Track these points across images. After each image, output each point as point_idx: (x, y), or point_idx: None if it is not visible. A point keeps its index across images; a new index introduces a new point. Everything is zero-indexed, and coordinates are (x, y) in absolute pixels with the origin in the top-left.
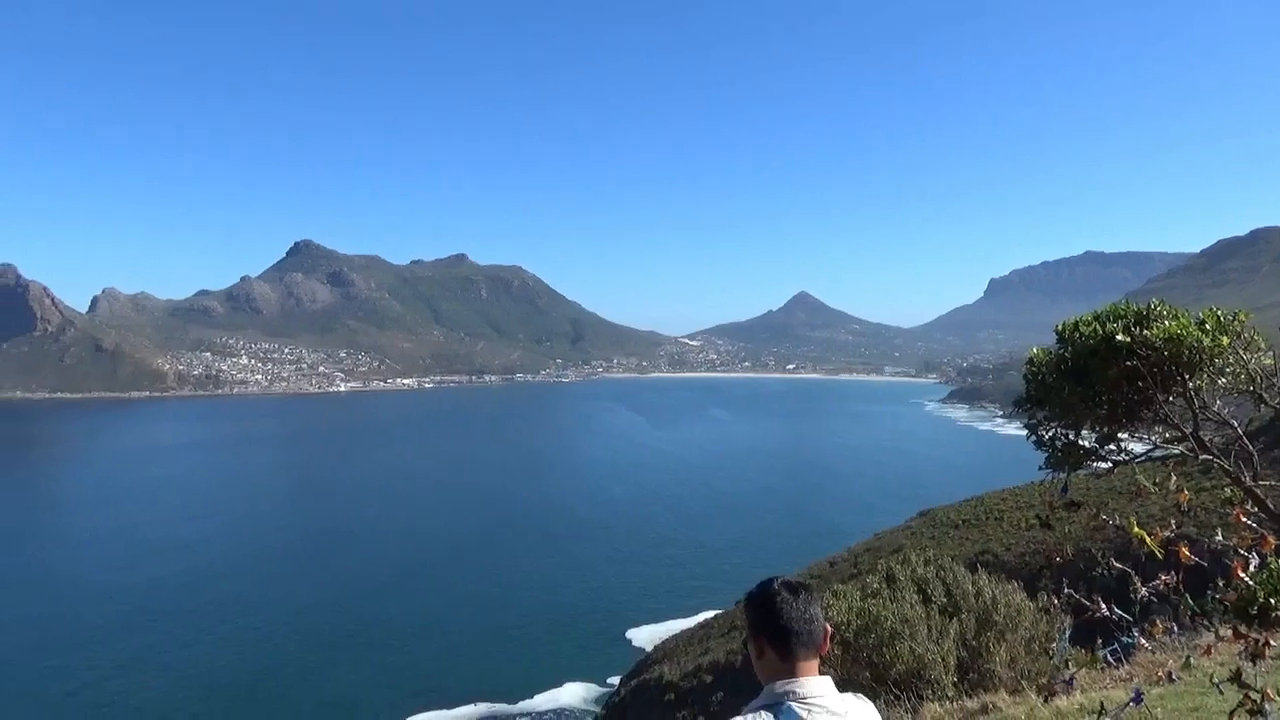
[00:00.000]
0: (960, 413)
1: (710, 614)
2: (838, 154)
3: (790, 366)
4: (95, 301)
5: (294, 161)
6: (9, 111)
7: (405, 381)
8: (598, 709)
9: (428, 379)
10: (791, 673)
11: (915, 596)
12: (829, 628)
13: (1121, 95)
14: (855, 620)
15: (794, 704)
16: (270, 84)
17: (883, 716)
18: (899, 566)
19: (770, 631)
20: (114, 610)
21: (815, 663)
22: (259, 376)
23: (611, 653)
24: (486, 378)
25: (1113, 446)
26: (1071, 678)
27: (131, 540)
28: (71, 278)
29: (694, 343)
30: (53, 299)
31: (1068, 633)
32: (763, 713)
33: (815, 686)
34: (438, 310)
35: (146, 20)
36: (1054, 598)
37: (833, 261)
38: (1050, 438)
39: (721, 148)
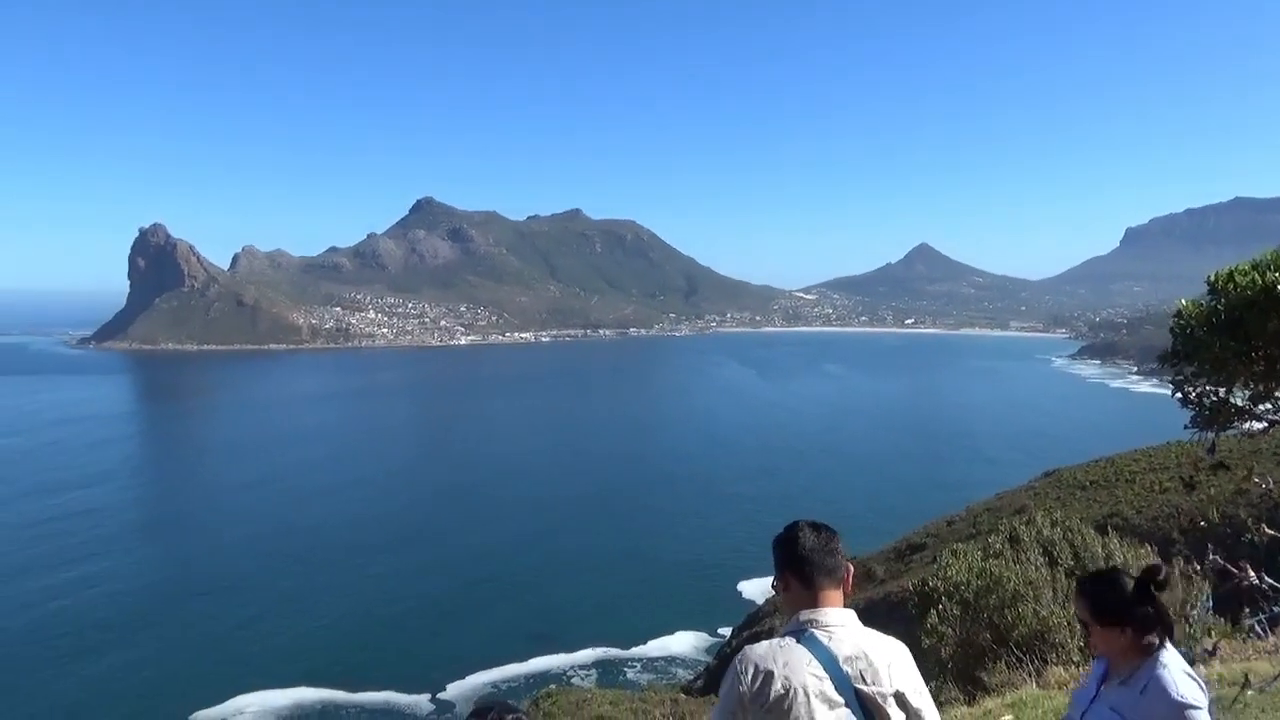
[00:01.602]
0: (1091, 369)
1: None
2: (961, 97)
3: (909, 321)
4: (236, 259)
5: (416, 122)
6: (168, 84)
7: (522, 335)
8: (709, 658)
9: (544, 333)
10: (814, 603)
11: (1040, 558)
12: (851, 566)
13: (1274, 15)
14: (975, 580)
15: (816, 631)
16: (392, 51)
17: (1004, 678)
18: (1023, 527)
19: (794, 564)
20: (257, 556)
21: (839, 594)
22: (385, 330)
23: (725, 604)
24: (601, 332)
25: (1268, 405)
26: (1215, 646)
27: (276, 488)
28: (215, 236)
29: (809, 297)
30: (198, 256)
31: (1209, 600)
32: (788, 637)
33: (837, 616)
34: (553, 265)
35: None
36: (1195, 564)
37: (956, 212)
38: (1198, 395)
39: (838, 93)
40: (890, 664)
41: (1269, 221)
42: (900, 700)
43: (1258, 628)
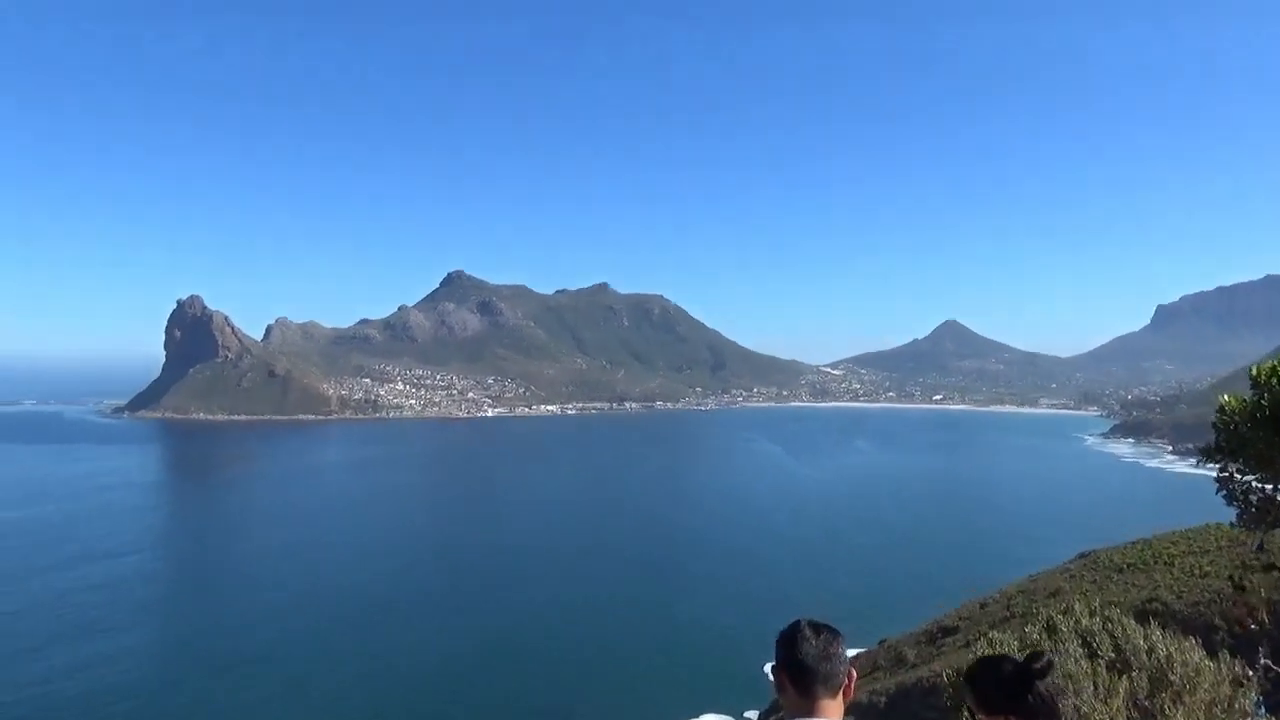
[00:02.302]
0: (1124, 448)
1: (850, 652)
2: (987, 174)
3: (937, 397)
4: (269, 330)
5: (448, 197)
6: (211, 159)
7: (549, 408)
8: None
9: (570, 405)
10: (810, 711)
11: (1079, 650)
12: (853, 671)
13: None
14: None
15: None
16: (425, 129)
17: None
18: (1060, 616)
19: (791, 668)
20: (281, 625)
21: (837, 703)
22: (413, 401)
23: (753, 684)
24: (627, 405)
25: None
26: None
27: (303, 559)
28: (250, 307)
29: (836, 372)
30: (233, 327)
31: (1260, 701)
32: None
33: None
34: (580, 338)
35: (313, 59)
36: (1247, 667)
37: (983, 288)
38: (1243, 491)
39: (866, 170)
40: None
41: None
42: None
43: None
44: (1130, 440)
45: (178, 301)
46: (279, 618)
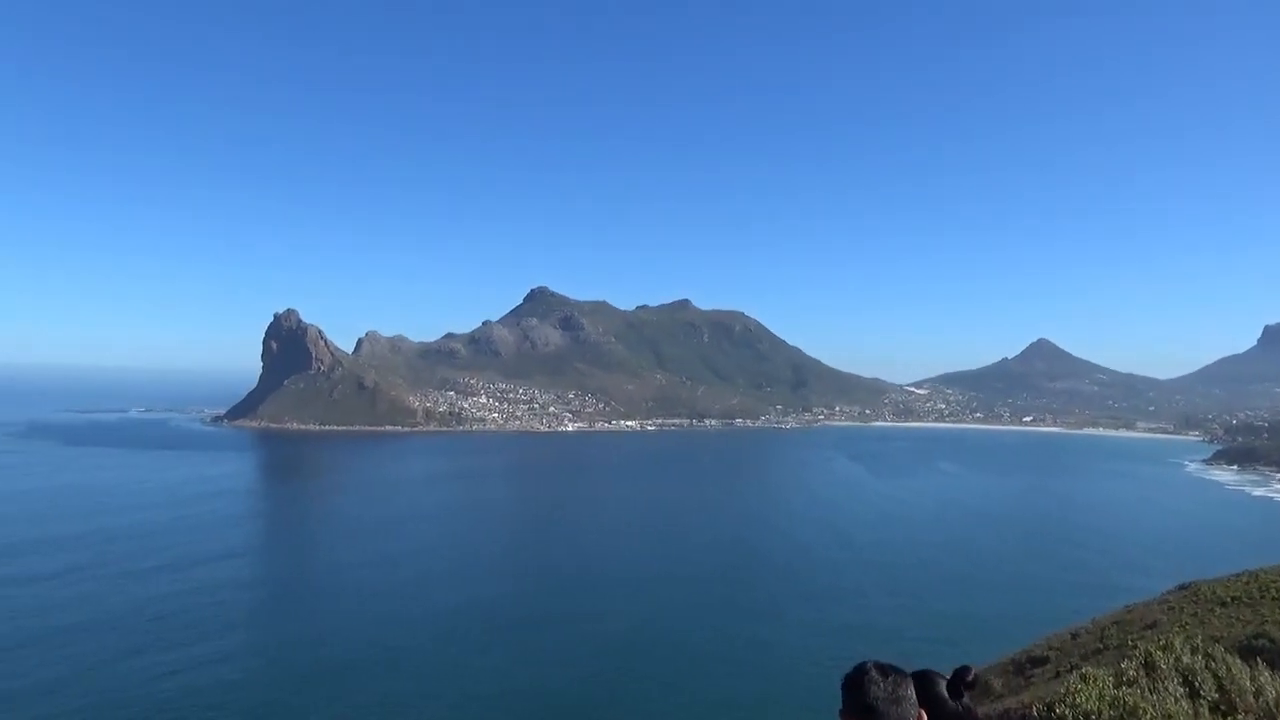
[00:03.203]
0: (1228, 475)
1: None
2: (1082, 189)
3: (1027, 419)
4: (360, 343)
5: (533, 212)
6: (311, 179)
7: (628, 423)
8: None
9: (650, 421)
10: None
11: (1180, 689)
12: (923, 713)
13: None
14: (1108, 711)
15: None
16: (511, 147)
17: None
18: (1159, 652)
19: (859, 712)
20: (376, 636)
21: None
22: (495, 415)
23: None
24: (707, 422)
25: None
26: None
27: (396, 568)
28: (342, 321)
29: (921, 391)
30: (326, 341)
31: None
32: None
33: None
34: (661, 354)
35: (405, 80)
36: None
37: (1077, 306)
38: None
39: (948, 186)
40: None
41: None
42: None
43: None
44: (1234, 467)
45: (274, 315)
46: (372, 629)
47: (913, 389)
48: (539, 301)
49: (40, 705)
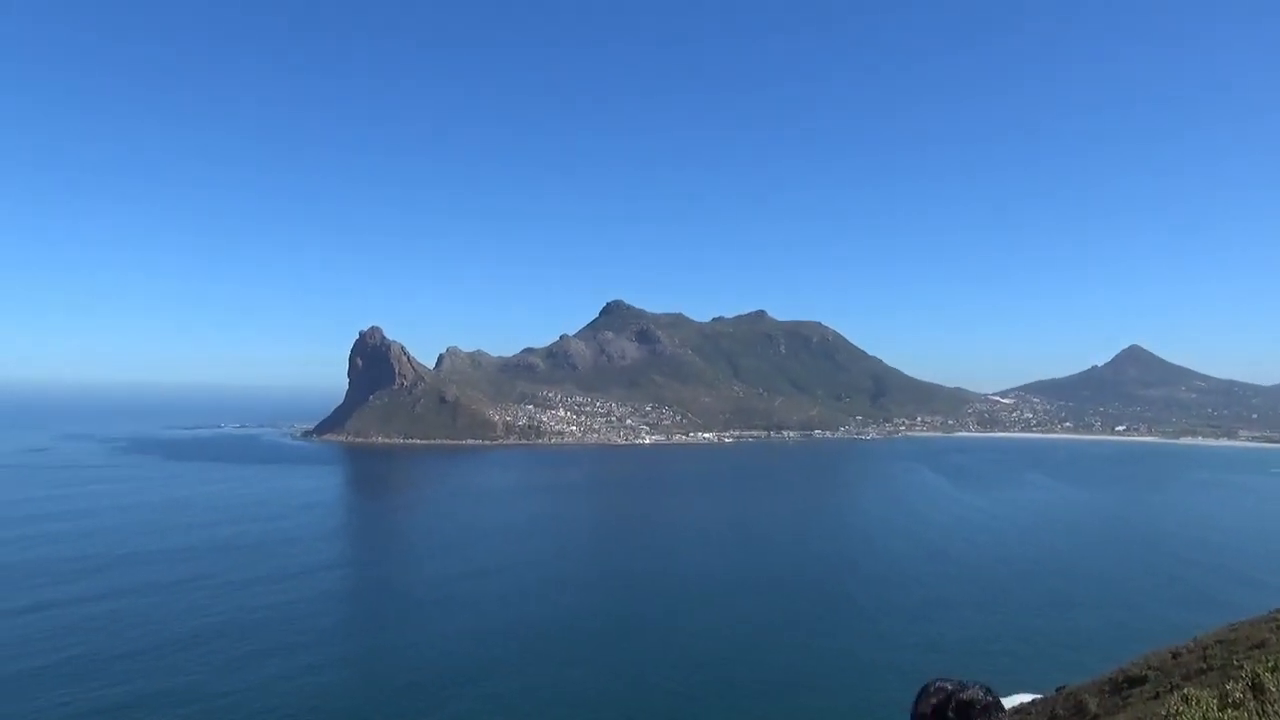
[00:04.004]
0: None
1: (1024, 697)
2: (1173, 186)
3: (1120, 428)
4: (441, 359)
5: (607, 230)
6: (396, 204)
7: (705, 435)
8: None
9: (727, 433)
10: None
11: None
12: None
13: None
14: None
15: None
16: (586, 163)
17: None
18: (1268, 674)
19: None
20: (471, 649)
21: None
22: (573, 428)
23: None
24: (785, 433)
25: None
26: None
27: (488, 580)
28: (423, 338)
29: (1006, 400)
30: (408, 357)
31: None
32: None
33: None
34: (737, 366)
35: (485, 93)
36: None
37: (1170, 310)
38: None
39: (1030, 185)
40: None
41: None
42: None
43: None
44: None
45: (359, 333)
46: (462, 640)
47: (997, 398)
48: (615, 315)
49: (156, 714)
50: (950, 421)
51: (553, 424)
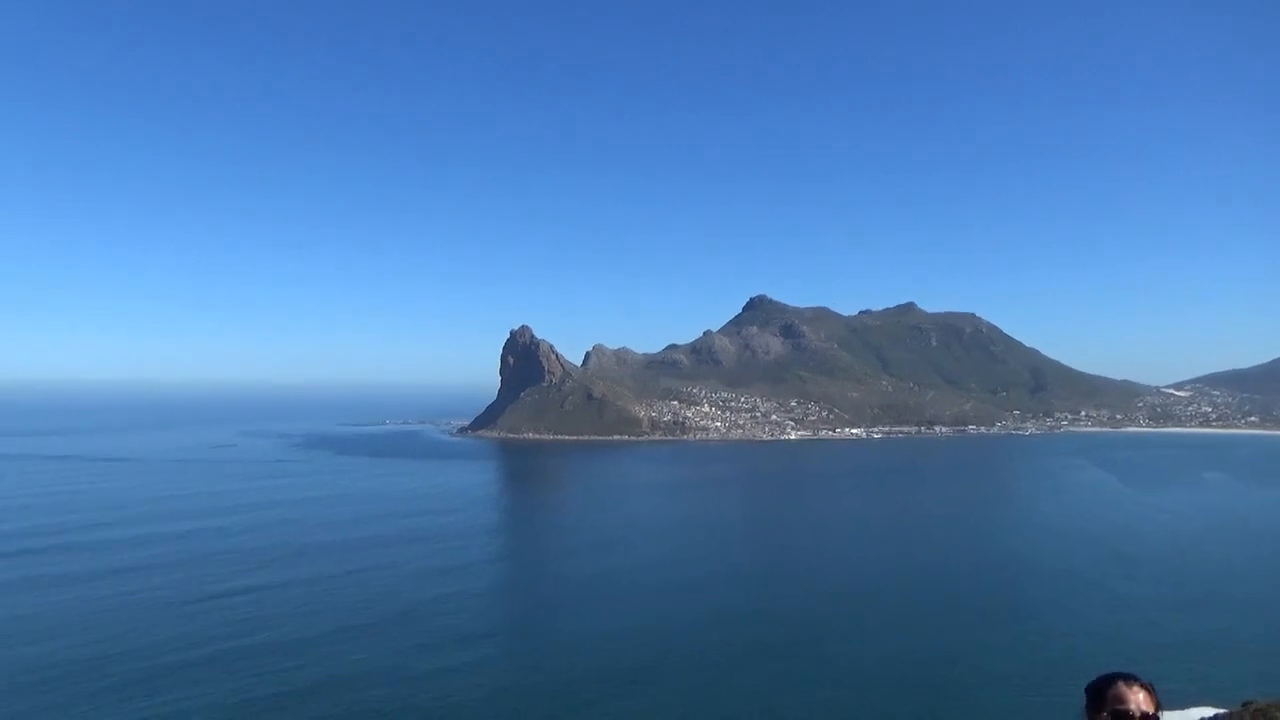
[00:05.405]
0: None
1: (1205, 711)
2: None
3: None
4: (587, 356)
5: (750, 225)
6: (547, 207)
7: (854, 431)
8: None
9: (875, 429)
10: None
11: None
12: None
13: None
14: None
15: None
16: (728, 158)
17: None
18: None
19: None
20: (609, 655)
21: None
22: (718, 424)
23: None
24: (936, 429)
25: None
26: None
27: (641, 578)
28: (571, 336)
29: (1181, 393)
30: (557, 355)
31: None
32: None
33: None
34: (886, 359)
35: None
36: None
37: None
38: None
39: (1203, 160)
40: None
41: None
42: None
43: None
44: None
45: (510, 332)
46: (614, 641)
47: (1171, 391)
48: (759, 310)
49: (329, 700)
50: (1118, 416)
51: (697, 420)
